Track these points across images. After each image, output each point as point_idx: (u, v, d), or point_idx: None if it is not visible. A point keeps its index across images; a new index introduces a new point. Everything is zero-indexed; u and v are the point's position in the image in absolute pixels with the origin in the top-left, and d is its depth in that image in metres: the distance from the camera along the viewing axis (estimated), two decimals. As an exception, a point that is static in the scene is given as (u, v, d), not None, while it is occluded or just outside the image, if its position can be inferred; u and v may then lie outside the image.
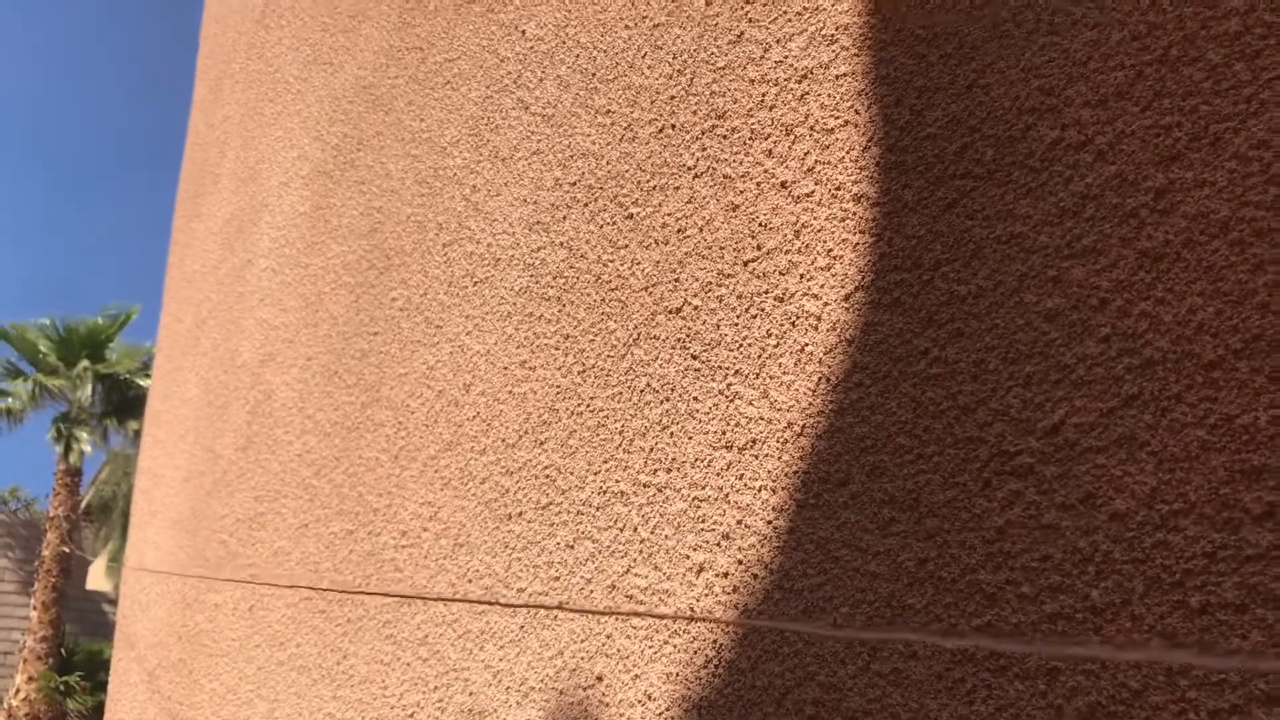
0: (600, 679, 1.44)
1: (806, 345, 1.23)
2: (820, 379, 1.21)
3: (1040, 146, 1.03)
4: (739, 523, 1.27)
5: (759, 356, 1.30)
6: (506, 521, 1.75)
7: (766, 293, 1.31)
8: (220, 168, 4.25)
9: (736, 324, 1.34)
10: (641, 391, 1.49)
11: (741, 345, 1.33)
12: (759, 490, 1.25)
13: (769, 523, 1.23)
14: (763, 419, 1.27)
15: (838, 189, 1.24)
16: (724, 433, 1.32)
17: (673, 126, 1.54)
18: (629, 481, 1.47)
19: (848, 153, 1.24)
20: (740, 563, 1.25)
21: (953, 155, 1.12)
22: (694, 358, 1.40)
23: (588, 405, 1.61)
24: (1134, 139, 0.95)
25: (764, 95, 1.38)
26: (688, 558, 1.33)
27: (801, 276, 1.26)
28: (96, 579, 17.98)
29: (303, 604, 2.49)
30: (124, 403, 16.21)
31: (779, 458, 1.24)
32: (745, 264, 1.35)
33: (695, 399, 1.38)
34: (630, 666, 1.39)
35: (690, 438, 1.38)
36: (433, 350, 2.15)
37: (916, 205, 1.14)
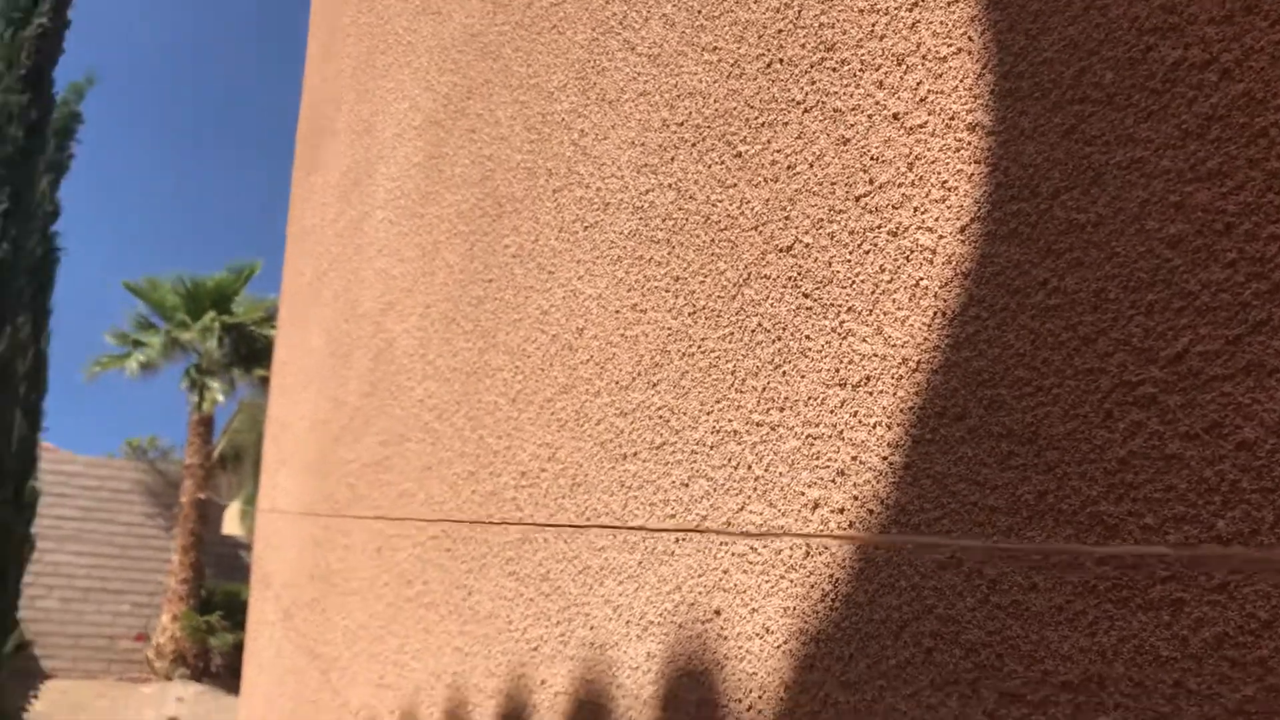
0: (718, 613, 1.46)
1: (921, 280, 1.22)
2: (935, 313, 1.20)
3: (1161, 68, 1.00)
4: (854, 459, 1.27)
5: (872, 292, 1.29)
6: (622, 461, 1.78)
7: (879, 227, 1.29)
8: (335, 122, 4.35)
9: (849, 260, 1.34)
10: (753, 331, 1.49)
11: (854, 282, 1.32)
12: (874, 427, 1.26)
13: (884, 459, 1.23)
14: (877, 355, 1.27)
15: (951, 119, 1.22)
16: (837, 370, 1.32)
17: (780, 61, 1.53)
18: (742, 421, 1.49)
19: (961, 81, 1.21)
20: (856, 498, 1.26)
21: (1070, 80, 1.09)
22: (806, 296, 1.40)
23: (699, 346, 1.62)
24: (1262, 55, 0.91)
25: (874, 25, 1.36)
26: (803, 494, 1.34)
27: (915, 210, 1.25)
28: (231, 524, 18.81)
29: (429, 543, 2.58)
30: (250, 353, 16.84)
31: (894, 394, 1.23)
32: (857, 199, 1.34)
33: (808, 337, 1.39)
34: (747, 601, 1.41)
35: (803, 376, 1.38)
36: (546, 295, 2.19)
37: (1033, 132, 1.12)
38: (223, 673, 15.34)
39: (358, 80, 4.09)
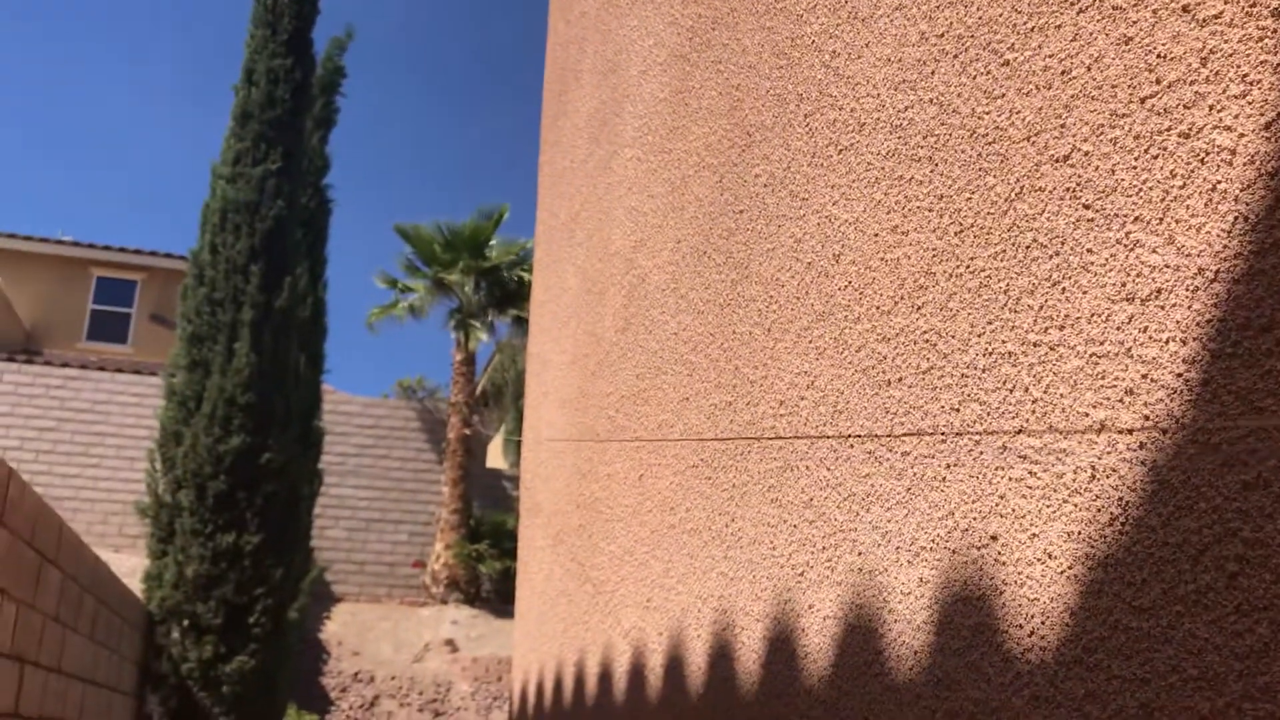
0: (995, 538, 1.43)
1: (1219, 183, 1.14)
2: (1236, 218, 1.11)
3: None
4: (1144, 377, 1.20)
5: (1162, 200, 1.21)
6: (885, 388, 1.76)
7: (1168, 130, 1.21)
8: (581, 64, 4.43)
9: (1134, 167, 1.26)
10: (1027, 248, 1.43)
11: (1141, 189, 1.24)
12: (1166, 342, 1.18)
13: (1179, 375, 1.16)
14: (1168, 267, 1.19)
15: (1252, 5, 1.12)
16: (1124, 284, 1.25)
17: (1051, -39, 1.44)
18: (1017, 341, 1.43)
19: (1264, -37, 1.11)
20: (1147, 418, 1.19)
21: (1401, -51, 0.97)
22: (1086, 207, 1.33)
23: (967, 266, 1.57)
24: None
25: (1158, -88, 1.26)
26: (1087, 415, 1.29)
27: (1210, 108, 1.16)
28: (494, 458, 19.82)
29: (689, 471, 2.64)
30: (504, 295, 17.56)
31: (1189, 307, 1.16)
32: (1142, 101, 1.25)
33: (1089, 251, 1.32)
34: (1027, 526, 1.37)
35: (1085, 292, 1.32)
36: (799, 223, 2.17)
37: (1354, 13, 1.01)
38: (492, 597, 16.28)
39: (601, 21, 4.15)
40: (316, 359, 10.07)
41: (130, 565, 11.77)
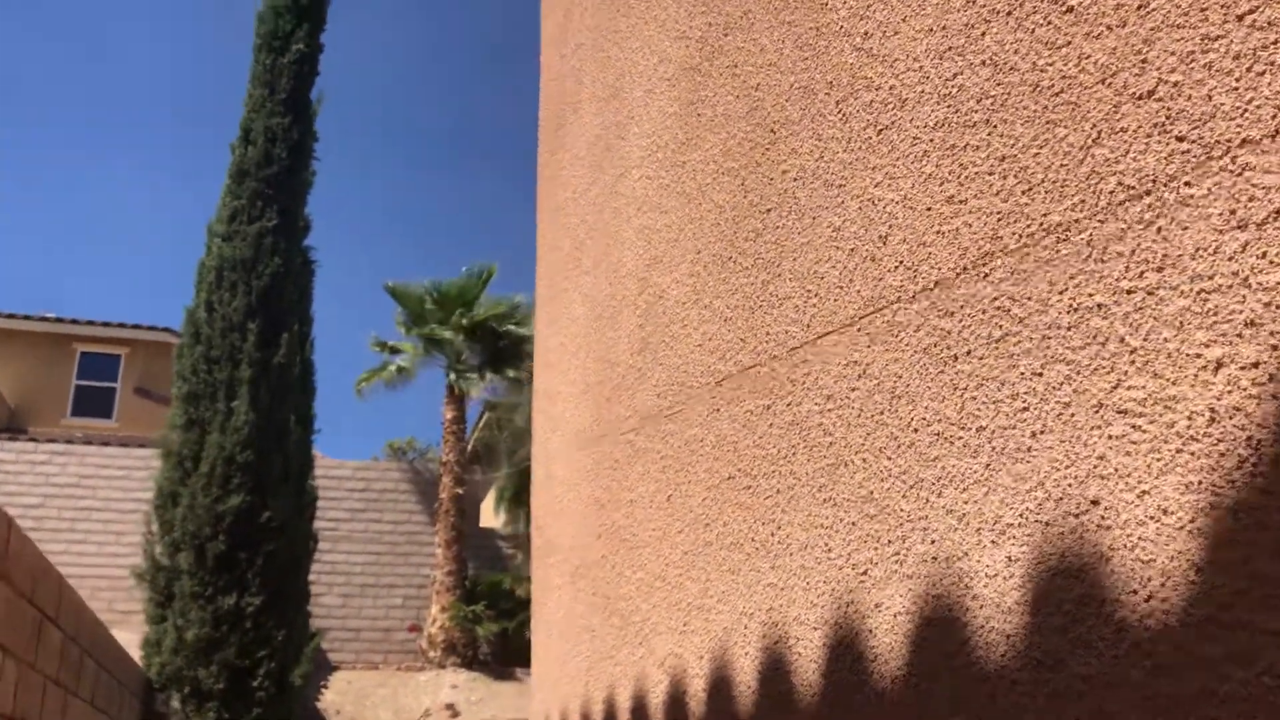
0: (1095, 503, 1.33)
1: (1340, 88, 1.06)
2: (1364, 123, 1.04)
3: None
4: (1267, 305, 1.12)
5: (1273, 118, 1.13)
6: (952, 363, 1.67)
7: (1275, 43, 1.14)
8: (579, 95, 4.39)
9: (1235, 89, 1.18)
10: (1111, 193, 1.35)
11: (1246, 110, 1.17)
12: (1288, 266, 1.10)
13: (1309, 298, 1.08)
14: (1286, 184, 1.11)
15: (1366, -101, 1.05)
16: (1233, 212, 1.17)
17: (1116, -103, 1.38)
18: (1106, 292, 1.35)
19: None
20: (1275, 348, 1.11)
21: None
22: (1179, 139, 1.25)
23: (1040, 224, 1.49)
24: None
25: None
26: (1199, 356, 1.20)
27: (1324, 12, 1.08)
28: (488, 517, 19.60)
29: (724, 485, 2.53)
30: (495, 352, 17.48)
31: (1314, 224, 1.08)
32: (1239, 19, 1.18)
33: (1187, 184, 1.24)
34: (1134, 484, 1.28)
35: (1185, 228, 1.24)
36: (837, 212, 2.10)
37: None
38: (490, 660, 16.00)
39: (599, 49, 4.11)
40: (306, 419, 9.93)
41: (122, 640, 11.49)
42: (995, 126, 1.60)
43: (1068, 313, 1.42)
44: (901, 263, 1.84)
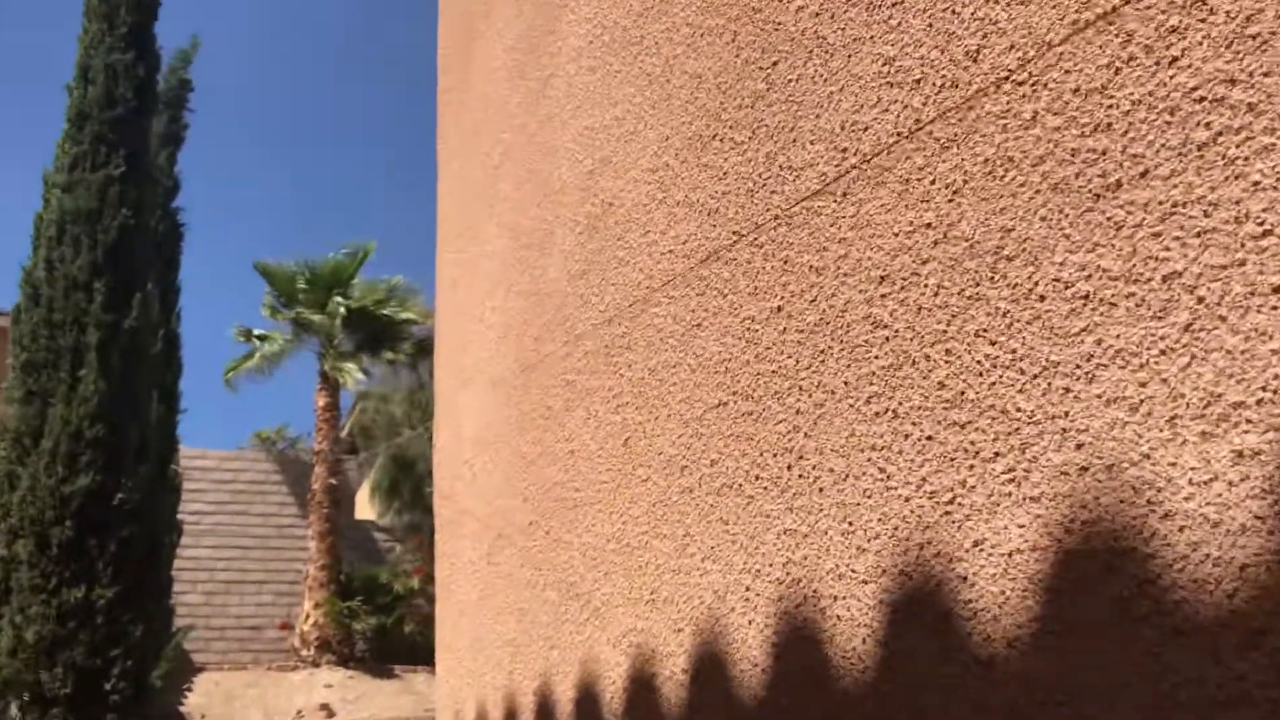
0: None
1: None
2: None
3: None
4: None
5: None
6: (1110, 194, 1.19)
7: None
8: (492, 8, 3.83)
9: None
10: None
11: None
12: None
13: None
14: None
15: None
16: None
17: None
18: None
19: None
20: None
21: None
22: None
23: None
24: None
25: None
26: None
27: None
28: (363, 508, 18.74)
29: (710, 416, 2.03)
30: (372, 335, 16.62)
31: None
32: None
33: None
34: None
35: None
36: (887, 41, 1.61)
37: None
38: (367, 657, 15.21)
39: (517, -56, 3.56)
40: (171, 398, 9.03)
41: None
42: None
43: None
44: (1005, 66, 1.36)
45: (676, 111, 2.28)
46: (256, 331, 17.10)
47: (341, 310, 15.75)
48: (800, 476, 1.71)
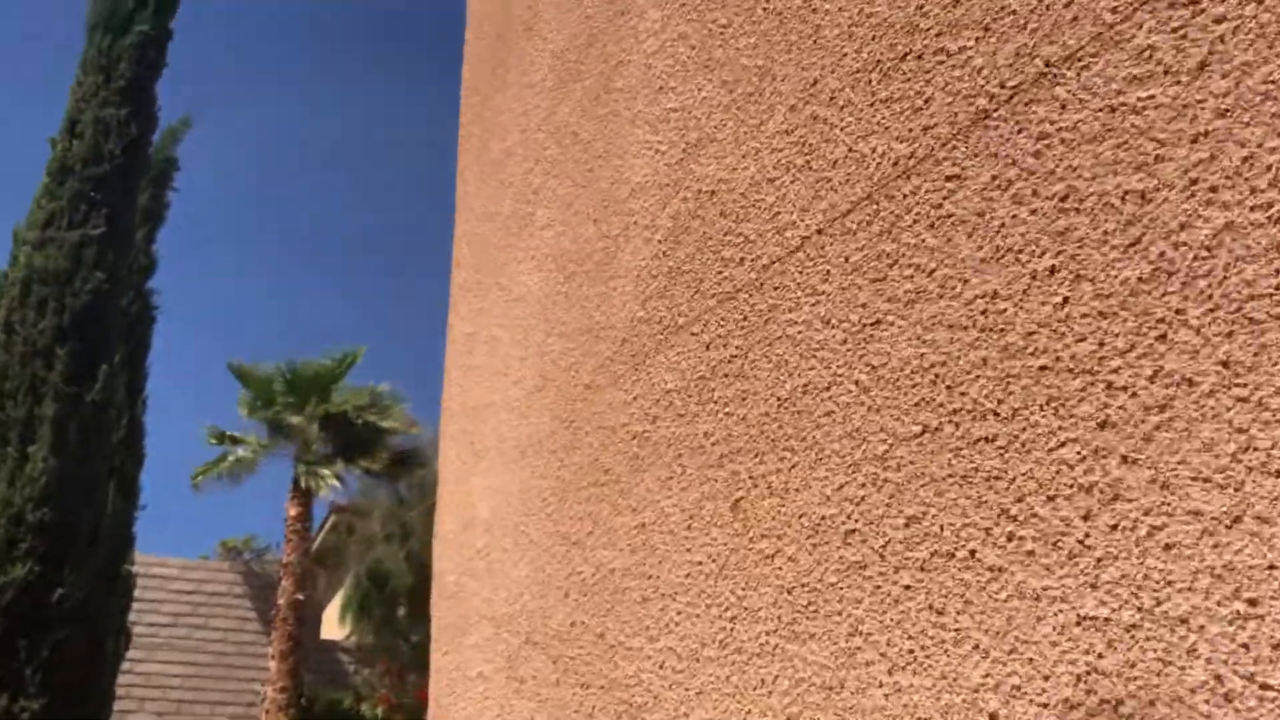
0: None
1: None
2: None
3: None
4: None
5: None
6: None
7: None
8: (536, 6, 3.27)
9: None
10: None
11: None
12: None
13: None
14: None
15: None
16: None
17: None
18: None
19: None
20: None
21: None
22: None
23: None
24: None
25: None
26: None
27: None
28: (330, 627, 17.66)
29: (901, 451, 1.35)
30: (351, 443, 15.83)
31: None
32: None
33: None
34: None
35: None
36: None
37: None
38: (326, 790, 14.04)
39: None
40: (131, 490, 8.19)
41: None
42: None
43: None
44: None
45: (830, 44, 1.66)
46: (230, 433, 16.32)
47: (320, 415, 15.01)
48: (1114, 528, 1.03)
